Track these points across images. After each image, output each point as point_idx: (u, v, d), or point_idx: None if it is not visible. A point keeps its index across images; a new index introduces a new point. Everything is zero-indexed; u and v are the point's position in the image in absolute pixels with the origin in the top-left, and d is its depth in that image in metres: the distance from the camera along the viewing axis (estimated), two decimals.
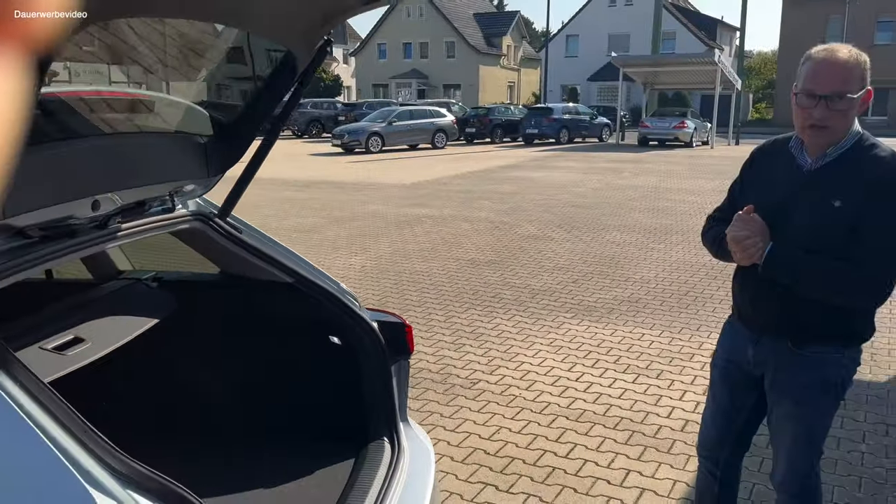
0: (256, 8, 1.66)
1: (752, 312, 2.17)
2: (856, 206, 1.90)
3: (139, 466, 1.22)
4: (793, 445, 2.16)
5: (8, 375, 1.20)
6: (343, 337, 2.23)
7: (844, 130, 1.96)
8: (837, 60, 1.92)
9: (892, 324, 5.42)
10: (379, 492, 1.93)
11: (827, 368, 2.07)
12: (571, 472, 3.29)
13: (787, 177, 2.05)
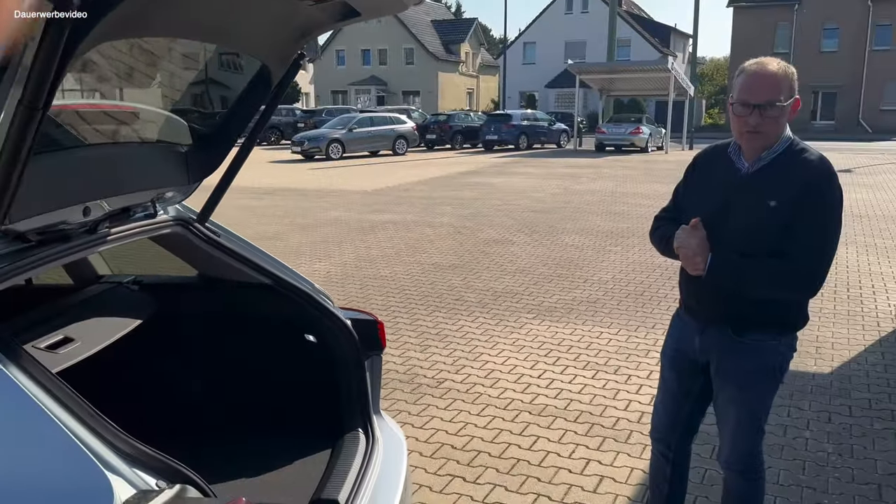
0: (238, 26, 1.78)
1: (697, 305, 2.36)
2: (789, 206, 2.09)
3: (143, 447, 1.33)
4: (737, 427, 2.34)
5: (19, 368, 1.30)
6: (318, 334, 2.35)
7: (777, 135, 2.16)
8: (768, 72, 2.11)
9: (835, 319, 5.71)
10: (355, 479, 2.05)
11: (766, 355, 2.26)
12: (535, 463, 3.45)
13: (726, 179, 2.24)
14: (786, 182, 2.12)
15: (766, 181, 2.15)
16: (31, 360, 1.34)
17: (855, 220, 10.36)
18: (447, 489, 3.22)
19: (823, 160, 2.15)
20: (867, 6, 40.24)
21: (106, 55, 1.59)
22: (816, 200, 2.10)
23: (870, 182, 15.33)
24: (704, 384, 2.43)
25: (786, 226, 2.10)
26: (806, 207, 2.09)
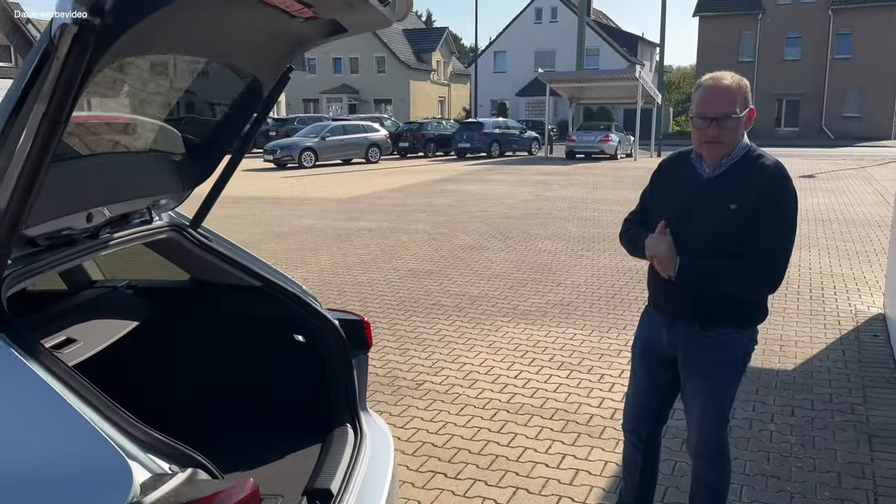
0: (234, 42, 1.89)
1: (665, 303, 2.51)
2: (748, 209, 2.26)
3: (156, 434, 1.43)
4: (704, 416, 2.50)
5: (40, 363, 1.39)
6: (307, 334, 2.45)
7: (734, 144, 2.32)
8: (722, 87, 2.28)
9: (798, 318, 5.94)
10: (346, 470, 2.16)
11: (730, 347, 2.42)
12: (513, 459, 3.58)
13: (689, 185, 2.40)
14: (744, 186, 2.28)
15: (726, 186, 2.32)
16: (50, 356, 1.43)
17: (817, 223, 10.69)
18: (429, 485, 3.34)
19: (779, 165, 2.32)
20: (828, 16, 41.28)
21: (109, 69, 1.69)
22: (773, 204, 2.27)
23: (831, 187, 15.78)
24: (672, 377, 2.58)
25: (745, 227, 2.26)
26: (763, 210, 2.25)
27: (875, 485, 3.32)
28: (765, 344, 5.28)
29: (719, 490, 2.59)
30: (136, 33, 1.34)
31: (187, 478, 1.38)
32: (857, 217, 11.36)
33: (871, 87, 40.45)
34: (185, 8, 1.38)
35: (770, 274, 2.28)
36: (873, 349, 5.19)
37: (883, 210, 11.94)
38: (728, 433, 2.61)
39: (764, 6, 42.67)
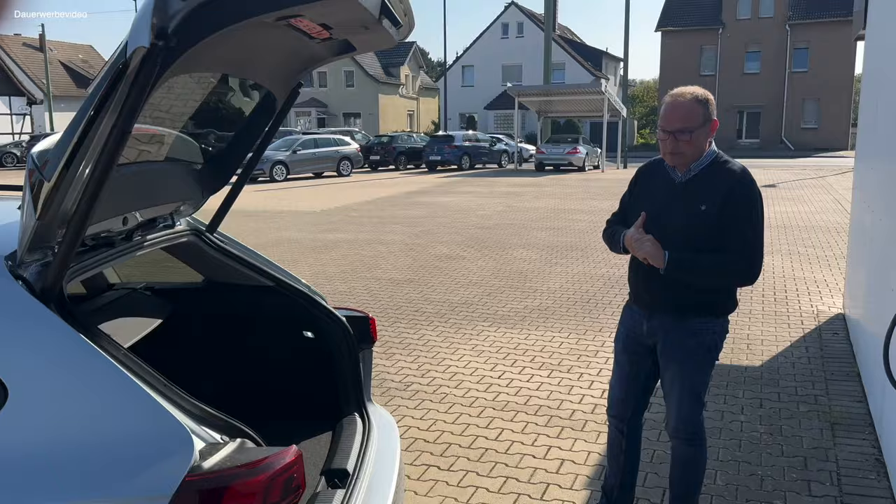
0: (257, 59, 2.07)
1: (645, 295, 2.74)
2: (718, 209, 2.51)
3: (208, 409, 1.61)
4: (681, 399, 2.72)
5: (104, 348, 1.56)
6: (316, 330, 2.63)
7: (694, 153, 2.57)
8: (679, 103, 2.53)
9: (764, 319, 6.24)
10: (358, 453, 2.34)
11: (704, 335, 2.66)
12: (502, 451, 3.78)
13: (664, 188, 2.65)
14: (713, 189, 2.54)
15: (697, 189, 2.57)
16: (111, 341, 1.60)
17: (780, 230, 11.11)
18: (424, 476, 3.52)
19: (744, 170, 2.59)
20: (785, 31, 42.55)
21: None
22: (742, 204, 2.52)
23: (793, 196, 16.31)
24: (652, 365, 2.81)
25: (715, 225, 2.51)
26: (734, 210, 2.51)
27: (838, 467, 3.58)
28: (733, 343, 5.56)
29: (696, 467, 2.82)
30: (190, 54, 1.52)
31: (238, 446, 1.56)
32: (818, 224, 11.81)
33: (828, 100, 41.73)
34: (232, 31, 1.56)
35: (750, 265, 2.53)
36: (834, 346, 5.49)
37: (841, 217, 12.42)
38: (703, 415, 2.83)
39: (724, 21, 43.82)
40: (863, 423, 4.09)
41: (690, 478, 2.84)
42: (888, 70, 4.46)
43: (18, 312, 1.54)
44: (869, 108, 5.54)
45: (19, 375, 1.49)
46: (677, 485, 2.87)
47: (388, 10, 1.87)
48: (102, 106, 1.44)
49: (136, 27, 1.38)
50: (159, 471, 1.44)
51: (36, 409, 1.48)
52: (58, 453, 1.45)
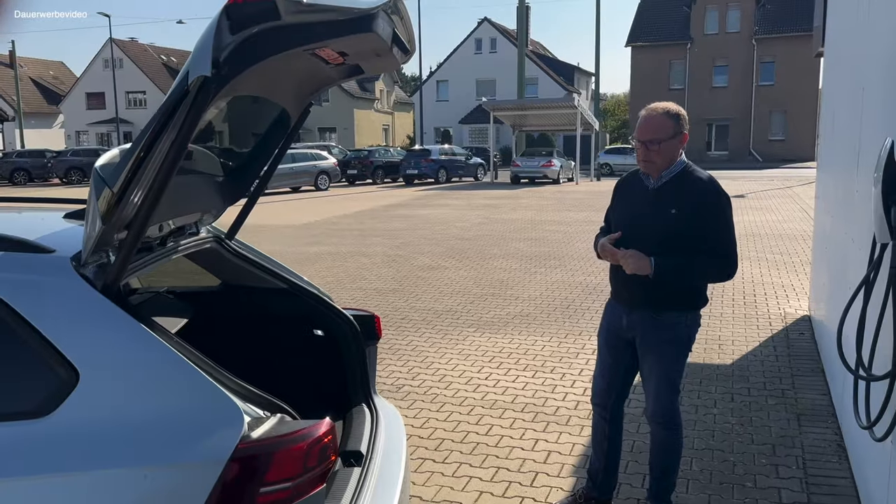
0: (278, 81, 2.31)
1: (624, 293, 3.01)
2: (687, 213, 2.80)
3: (251, 388, 1.83)
4: (657, 387, 3.00)
5: (160, 334, 1.79)
6: (326, 329, 2.86)
7: (664, 162, 2.85)
8: (651, 116, 2.84)
9: (734, 321, 6.56)
10: (370, 438, 2.56)
11: (678, 328, 2.94)
12: (492, 445, 4.02)
13: (640, 195, 2.95)
14: (682, 195, 2.84)
15: (668, 194, 2.87)
16: (165, 330, 1.82)
17: (749, 238, 11.52)
18: (420, 469, 3.75)
19: (711, 178, 2.89)
20: (752, 45, 43.63)
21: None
22: (711, 208, 2.82)
23: (761, 206, 16.83)
24: (632, 357, 3.09)
25: (683, 227, 2.80)
26: (705, 214, 2.80)
27: (803, 452, 3.88)
28: (706, 343, 5.87)
29: (674, 450, 3.09)
30: (236, 80, 1.77)
31: (279, 420, 1.79)
32: (785, 232, 12.26)
33: (794, 112, 42.78)
34: (271, 61, 1.80)
35: (729, 262, 2.83)
36: (800, 345, 5.82)
37: (807, 225, 12.89)
38: (679, 402, 3.11)
39: (692, 36, 44.81)
40: (826, 413, 4.40)
41: (668, 460, 3.11)
42: (843, 87, 4.81)
43: (86, 306, 1.76)
44: (828, 122, 5.91)
45: (89, 360, 1.71)
46: (656, 467, 3.14)
47: (398, 40, 2.13)
48: (166, 125, 1.67)
49: (196, 57, 1.62)
50: (216, 439, 1.66)
51: (105, 389, 1.70)
52: (126, 426, 1.67)
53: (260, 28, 1.68)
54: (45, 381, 1.70)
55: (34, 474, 1.62)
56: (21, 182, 33.62)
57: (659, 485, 3.14)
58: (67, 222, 2.26)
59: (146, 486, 1.64)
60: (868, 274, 2.59)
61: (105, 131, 57.83)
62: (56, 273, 1.81)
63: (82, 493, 1.62)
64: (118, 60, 54.57)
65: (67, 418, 1.66)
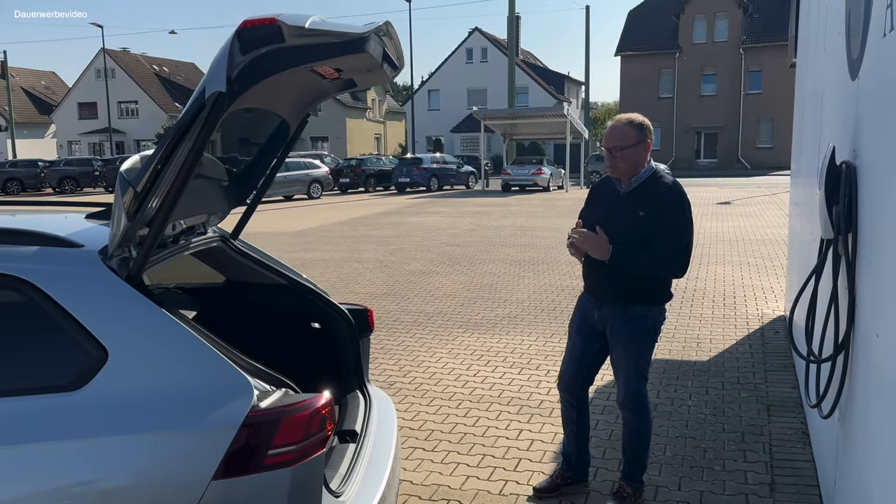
0: (281, 95, 2.56)
1: (597, 288, 3.27)
2: (653, 214, 3.06)
3: (258, 365, 2.08)
4: (627, 374, 3.25)
5: (180, 319, 2.03)
6: (323, 321, 3.10)
7: (628, 168, 3.13)
8: (616, 126, 3.14)
9: (713, 321, 6.83)
10: (363, 419, 2.81)
11: (645, 320, 3.20)
12: (479, 435, 4.26)
13: (611, 198, 3.21)
14: (650, 198, 3.11)
15: (636, 198, 3.14)
16: (181, 314, 2.06)
17: (731, 243, 11.82)
18: (411, 457, 3.98)
19: (676, 183, 3.15)
20: (739, 54, 44.20)
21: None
22: (676, 210, 3.09)
23: (746, 212, 17.17)
24: (601, 347, 3.34)
25: (649, 228, 3.06)
26: (666, 215, 3.07)
27: (771, 439, 4.14)
28: (685, 342, 6.14)
29: (643, 433, 3.35)
30: (246, 95, 2.02)
31: (283, 393, 2.04)
32: (766, 237, 12.56)
33: (781, 119, 43.14)
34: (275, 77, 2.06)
35: (679, 260, 3.09)
36: (775, 343, 6.09)
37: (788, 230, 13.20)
38: (646, 389, 3.35)
39: (681, 46, 45.36)
40: (795, 404, 4.66)
41: (638, 443, 3.36)
42: (808, 95, 5.10)
43: (113, 293, 2.00)
44: (798, 129, 6.20)
45: (116, 340, 1.95)
46: (628, 450, 3.39)
47: (388, 57, 2.39)
48: (184, 134, 1.92)
49: (212, 75, 1.87)
50: (229, 409, 1.91)
51: (131, 365, 1.94)
52: (149, 397, 1.91)
53: (267, 49, 1.93)
54: (78, 359, 1.94)
55: (70, 439, 1.86)
56: (14, 192, 33.70)
57: (631, 466, 3.39)
58: (90, 222, 2.50)
59: (168, 448, 1.88)
60: (816, 266, 2.86)
61: (97, 141, 57.95)
62: (86, 265, 2.05)
63: (110, 455, 1.87)
64: (110, 70, 54.71)
65: (98, 391, 1.90)
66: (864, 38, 2.49)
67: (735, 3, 44.26)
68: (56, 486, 1.85)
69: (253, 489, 1.91)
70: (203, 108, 1.90)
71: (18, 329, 2.04)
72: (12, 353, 2.01)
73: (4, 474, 1.83)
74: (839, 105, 3.14)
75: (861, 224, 2.42)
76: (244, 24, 1.92)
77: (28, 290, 1.98)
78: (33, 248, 2.08)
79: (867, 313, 2.29)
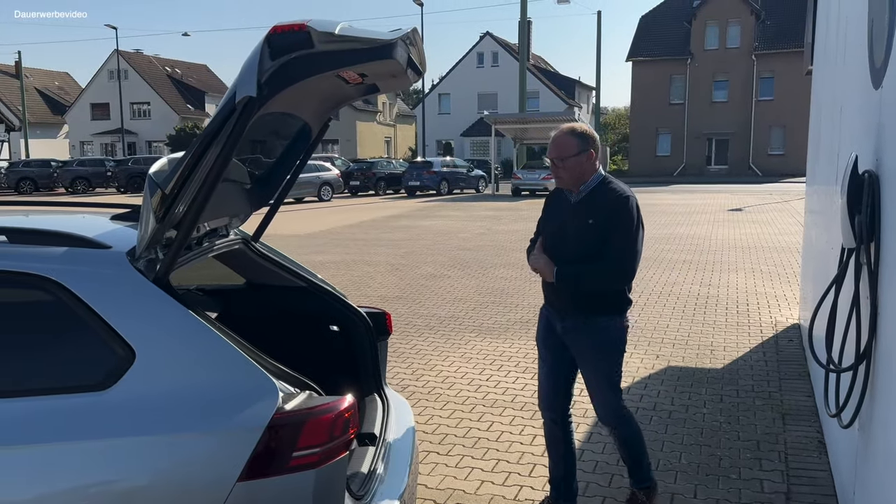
0: (307, 100, 2.58)
1: (557, 301, 3.18)
2: (602, 222, 3.00)
3: (282, 368, 2.09)
4: (601, 392, 3.17)
5: (208, 322, 2.04)
6: (342, 325, 3.12)
7: (572, 177, 3.08)
8: (556, 136, 3.11)
9: (726, 329, 6.81)
10: (382, 422, 2.82)
11: (610, 332, 3.12)
12: (493, 440, 4.27)
13: (563, 207, 3.17)
14: (598, 206, 3.03)
15: (586, 206, 3.06)
16: (207, 316, 2.08)
17: (744, 251, 11.78)
18: (426, 461, 3.99)
19: (624, 191, 3.07)
20: (752, 60, 44.07)
21: None
22: (618, 219, 3.00)
23: (758, 219, 17.10)
24: (571, 358, 3.24)
25: (601, 236, 2.99)
26: (612, 224, 3.00)
27: (786, 448, 4.12)
28: (698, 349, 6.12)
29: (635, 440, 3.30)
30: (274, 99, 2.03)
31: (308, 396, 2.05)
32: (779, 245, 12.52)
33: (793, 126, 43.07)
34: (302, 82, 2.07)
35: (622, 270, 3.02)
36: (789, 351, 6.07)
37: (801, 238, 13.15)
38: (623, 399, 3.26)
39: (692, 52, 45.25)
40: (810, 413, 4.64)
41: (634, 450, 3.32)
42: (826, 105, 5.09)
43: (141, 294, 2.02)
44: (814, 138, 6.18)
45: (143, 340, 1.97)
46: (627, 458, 3.36)
47: (412, 63, 2.40)
48: (214, 138, 1.94)
49: (243, 79, 1.89)
50: (255, 410, 1.92)
51: (158, 366, 1.96)
52: (176, 398, 1.93)
53: (296, 54, 1.95)
54: (106, 360, 1.96)
55: (98, 438, 1.87)
56: (27, 191, 33.94)
57: (635, 471, 3.38)
58: (116, 223, 2.52)
59: (194, 449, 1.90)
60: (837, 275, 2.85)
61: (109, 141, 58.29)
62: (114, 266, 2.07)
63: (137, 455, 1.88)
64: (123, 72, 55.04)
65: (126, 391, 1.92)
66: (888, 47, 2.49)
67: (748, 9, 44.15)
68: (82, 485, 1.87)
69: (277, 491, 1.92)
70: (233, 113, 1.91)
71: (48, 329, 2.06)
72: (42, 353, 2.03)
73: (33, 472, 1.85)
74: (861, 114, 3.13)
75: (884, 233, 2.42)
76: (274, 30, 1.94)
77: (57, 291, 2.00)
78: (62, 248, 2.10)
79: (890, 322, 2.29)
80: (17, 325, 2.11)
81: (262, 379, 1.97)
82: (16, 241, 2.12)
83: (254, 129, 2.79)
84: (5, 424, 1.88)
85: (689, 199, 24.51)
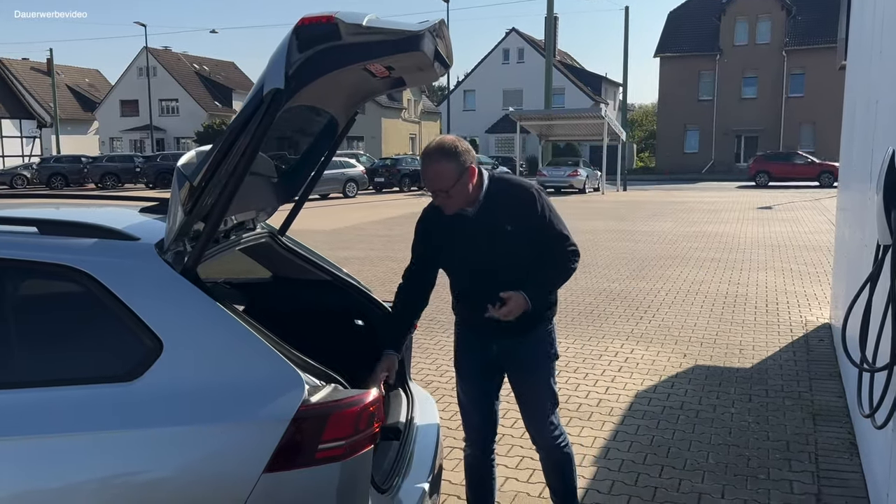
0: (334, 93, 2.58)
1: (488, 321, 2.69)
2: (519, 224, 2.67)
3: (309, 361, 2.09)
4: (543, 408, 2.96)
5: (235, 314, 2.05)
6: (366, 319, 3.11)
7: (466, 199, 2.66)
8: (427, 167, 2.61)
9: (755, 328, 6.71)
10: (406, 416, 2.81)
11: (546, 343, 2.92)
12: (517, 437, 4.24)
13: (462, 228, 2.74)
14: (506, 209, 2.70)
15: (492, 215, 2.69)
16: (235, 308, 2.08)
17: (773, 249, 11.61)
18: (450, 456, 3.99)
19: (523, 181, 2.83)
20: (782, 56, 43.42)
21: None
22: (536, 209, 2.70)
23: (788, 217, 16.85)
24: (498, 383, 3.03)
25: (528, 237, 2.69)
26: (536, 219, 2.71)
27: (817, 448, 4.05)
28: (727, 348, 6.04)
29: (571, 463, 3.09)
30: (301, 92, 2.03)
31: (333, 388, 2.05)
32: (810, 243, 12.32)
33: (823, 123, 42.38)
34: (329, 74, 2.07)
35: (575, 250, 2.77)
36: (819, 350, 5.96)
37: (833, 237, 12.93)
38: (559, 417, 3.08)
39: (721, 48, 44.71)
40: (841, 414, 4.55)
41: (568, 477, 3.10)
42: (860, 99, 4.98)
43: (169, 286, 2.03)
44: (847, 134, 6.06)
45: (171, 332, 1.97)
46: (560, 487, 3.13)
47: (440, 56, 2.38)
48: (242, 130, 1.94)
49: (271, 72, 1.89)
50: (281, 402, 1.92)
51: (185, 357, 1.96)
52: (203, 389, 1.93)
53: (324, 46, 1.94)
54: (134, 350, 1.97)
55: (127, 428, 1.89)
56: (58, 186, 34.53)
57: (567, 501, 3.13)
58: (144, 216, 2.54)
59: (220, 440, 1.90)
60: (872, 273, 2.78)
61: (138, 138, 59.08)
62: (142, 257, 2.08)
63: (163, 445, 1.89)
64: (152, 69, 55.70)
65: (153, 382, 1.93)
66: None
67: (778, 4, 43.52)
68: (108, 475, 1.88)
69: (303, 483, 1.92)
70: (261, 105, 1.91)
71: (76, 319, 2.08)
72: (71, 343, 2.05)
73: (61, 462, 1.87)
74: None
75: None
76: (302, 22, 1.93)
77: (86, 281, 2.01)
78: (91, 240, 2.11)
79: None
80: (47, 315, 2.14)
81: (289, 371, 1.97)
82: (46, 232, 2.14)
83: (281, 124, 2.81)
84: (35, 414, 1.90)
85: (717, 197, 24.22)
